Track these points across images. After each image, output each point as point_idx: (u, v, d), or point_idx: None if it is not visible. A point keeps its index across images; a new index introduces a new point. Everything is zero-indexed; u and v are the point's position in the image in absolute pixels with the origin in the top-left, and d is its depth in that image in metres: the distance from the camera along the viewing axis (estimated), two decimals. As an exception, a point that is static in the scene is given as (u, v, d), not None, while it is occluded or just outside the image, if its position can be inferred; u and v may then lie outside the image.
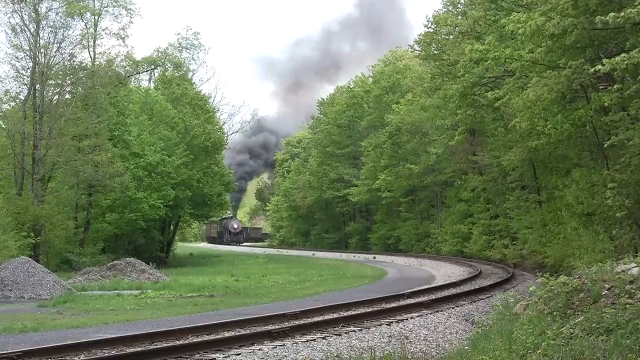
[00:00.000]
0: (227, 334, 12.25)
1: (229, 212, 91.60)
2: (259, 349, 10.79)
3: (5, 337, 12.50)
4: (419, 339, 12.57)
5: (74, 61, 38.18)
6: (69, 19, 37.81)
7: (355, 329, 12.88)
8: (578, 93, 21.80)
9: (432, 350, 11.89)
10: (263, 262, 47.88)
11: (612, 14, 15.57)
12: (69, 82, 38.01)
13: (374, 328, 13.02)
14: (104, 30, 41.44)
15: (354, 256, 52.83)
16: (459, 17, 37.17)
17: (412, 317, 14.54)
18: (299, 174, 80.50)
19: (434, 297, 17.89)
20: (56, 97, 36.85)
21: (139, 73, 53.29)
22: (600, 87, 20.02)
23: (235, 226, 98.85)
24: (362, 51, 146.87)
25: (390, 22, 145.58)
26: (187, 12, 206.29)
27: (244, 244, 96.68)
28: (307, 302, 18.31)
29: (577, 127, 21.91)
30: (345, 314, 14.88)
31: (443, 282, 25.14)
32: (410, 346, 11.79)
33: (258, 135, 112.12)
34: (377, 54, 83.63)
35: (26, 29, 35.78)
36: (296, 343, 11.30)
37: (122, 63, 44.65)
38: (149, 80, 57.94)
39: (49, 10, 36.65)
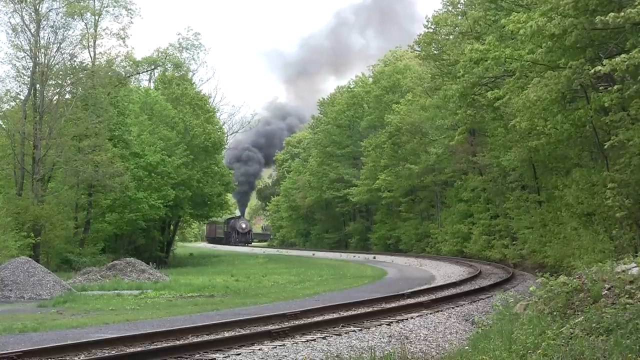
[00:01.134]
0: (227, 334, 12.25)
1: (234, 211, 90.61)
2: (259, 349, 10.79)
3: (5, 337, 12.49)
4: (419, 339, 12.56)
5: (74, 61, 38.24)
6: (69, 19, 37.83)
7: (355, 329, 12.88)
8: (578, 93, 21.78)
9: (432, 350, 11.88)
10: (263, 262, 47.86)
11: (612, 14, 15.58)
12: (69, 82, 38.02)
13: (374, 328, 13.01)
14: (104, 30, 41.51)
15: (354, 256, 52.81)
16: (459, 17, 37.19)
17: (412, 317, 14.53)
18: (299, 174, 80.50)
19: (434, 297, 17.88)
20: (56, 97, 36.86)
21: (139, 73, 53.24)
22: (600, 88, 20.01)
23: (244, 226, 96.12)
24: (373, 42, 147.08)
25: (402, 15, 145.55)
26: (188, 10, 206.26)
27: (252, 243, 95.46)
28: (307, 302, 18.31)
29: (577, 127, 21.90)
30: (345, 314, 14.87)
31: (443, 282, 25.13)
32: (410, 346, 11.79)
33: (284, 120, 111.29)
34: (390, 46, 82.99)
35: (27, 29, 35.80)
36: (296, 343, 11.29)
37: (122, 63, 44.60)
38: (149, 80, 57.97)
39: (49, 11, 36.71)
